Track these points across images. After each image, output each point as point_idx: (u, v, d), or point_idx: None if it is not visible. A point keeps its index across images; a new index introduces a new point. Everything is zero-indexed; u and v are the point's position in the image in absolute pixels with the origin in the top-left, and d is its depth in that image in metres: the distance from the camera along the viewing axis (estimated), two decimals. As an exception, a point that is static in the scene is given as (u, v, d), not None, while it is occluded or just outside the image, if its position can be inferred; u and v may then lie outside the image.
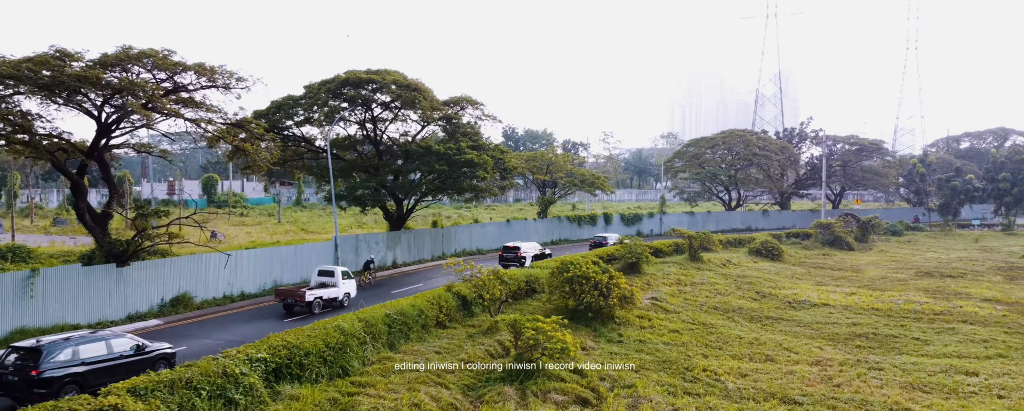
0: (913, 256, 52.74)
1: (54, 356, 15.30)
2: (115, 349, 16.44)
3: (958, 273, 43.50)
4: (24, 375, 14.90)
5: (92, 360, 15.83)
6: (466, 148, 33.82)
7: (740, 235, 57.15)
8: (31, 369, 14.96)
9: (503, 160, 37.18)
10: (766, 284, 37.95)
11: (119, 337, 16.89)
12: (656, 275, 37.41)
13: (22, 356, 15.35)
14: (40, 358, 15.11)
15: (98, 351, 16.08)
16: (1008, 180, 72.22)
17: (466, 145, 34.44)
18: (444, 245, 41.33)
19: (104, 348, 16.25)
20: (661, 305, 30.35)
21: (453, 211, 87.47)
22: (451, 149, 33.04)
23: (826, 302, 33.01)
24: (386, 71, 32.02)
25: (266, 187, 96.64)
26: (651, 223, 65.40)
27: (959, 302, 33.29)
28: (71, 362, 15.45)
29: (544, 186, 54.07)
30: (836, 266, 47.34)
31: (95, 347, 16.09)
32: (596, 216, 58.64)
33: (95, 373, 15.68)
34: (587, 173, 54.62)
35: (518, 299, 27.31)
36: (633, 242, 37.07)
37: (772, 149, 70.89)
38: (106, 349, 16.27)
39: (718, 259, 45.41)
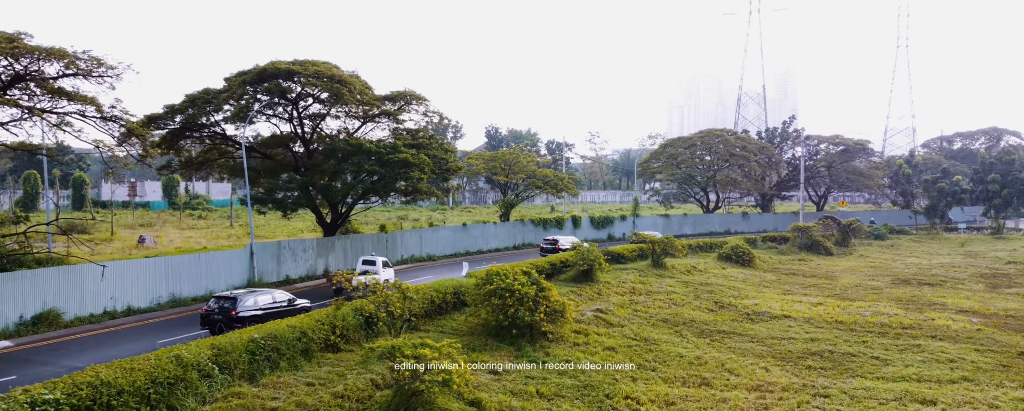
0: (893, 262, 50.60)
1: (244, 303, 22.74)
2: (277, 300, 24.02)
3: (937, 281, 41.34)
4: (226, 315, 22.21)
5: (265, 306, 23.28)
6: (402, 146, 31.40)
7: (714, 239, 54.90)
8: (231, 310, 22.31)
9: (446, 160, 34.70)
10: (728, 293, 35.70)
11: (279, 291, 24.76)
12: (610, 283, 35.10)
13: (224, 303, 22.64)
14: (236, 303, 22.53)
15: (268, 301, 23.62)
16: (997, 181, 70.23)
17: (403, 143, 32.01)
18: (388, 252, 38.87)
19: (271, 298, 23.86)
20: (605, 318, 28.03)
21: (425, 213, 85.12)
22: (384, 148, 30.62)
23: (788, 313, 30.77)
24: (311, 62, 29.58)
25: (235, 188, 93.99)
26: (623, 226, 63.11)
27: (932, 314, 31.09)
28: (253, 307, 22.85)
29: (506, 188, 51.64)
30: (809, 273, 45.13)
31: (266, 297, 23.65)
32: (563, 219, 56.26)
33: (267, 315, 22.60)
34: (551, 174, 52.14)
35: (443, 313, 24.90)
36: (586, 248, 34.74)
37: (751, 149, 68.67)
38: (272, 299, 23.85)
39: (684, 265, 43.14)
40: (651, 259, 42.10)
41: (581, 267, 34.57)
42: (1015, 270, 45.51)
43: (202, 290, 27.50)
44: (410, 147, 32.44)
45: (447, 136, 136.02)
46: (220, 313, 22.17)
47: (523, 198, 53.01)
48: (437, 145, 34.78)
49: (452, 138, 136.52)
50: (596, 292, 32.89)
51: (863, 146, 77.12)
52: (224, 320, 21.75)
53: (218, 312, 22.27)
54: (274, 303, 23.59)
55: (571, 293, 31.75)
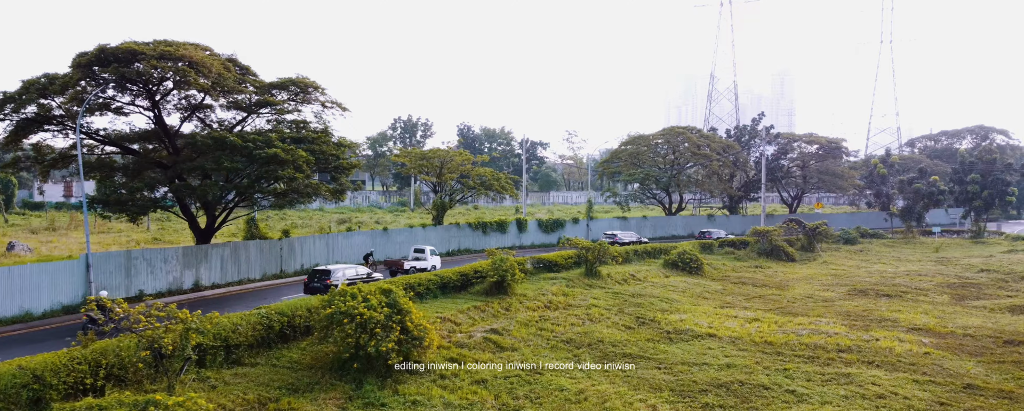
0: (858, 269, 47.25)
1: (335, 275, 29.10)
2: (360, 273, 30.41)
3: (898, 291, 37.97)
4: (322, 282, 28.44)
5: (351, 277, 29.46)
6: (277, 140, 27.67)
7: (669, 244, 51.40)
8: (326, 279, 28.67)
9: (336, 156, 30.93)
10: (659, 306, 32.20)
11: (362, 267, 31.49)
12: (527, 296, 31.50)
13: (321, 273, 29.13)
14: (330, 275, 28.94)
15: (352, 273, 30.00)
16: (977, 182, 67.06)
17: (277, 137, 28.28)
18: (283, 261, 35.10)
19: (355, 272, 30.22)
20: (498, 340, 24.42)
21: (381, 215, 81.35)
22: (253, 141, 26.86)
23: (714, 332, 27.26)
24: (166, 42, 25.83)
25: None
26: (576, 229, 59.56)
27: (879, 333, 27.67)
28: (341, 278, 29.00)
29: (437, 187, 47.86)
30: (761, 282, 41.69)
31: (351, 271, 30.15)
32: (506, 222, 52.55)
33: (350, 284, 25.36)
34: (488, 174, 48.37)
35: (288, 341, 21.10)
36: (500, 256, 31.13)
37: (714, 148, 65.24)
38: (355, 272, 30.25)
39: (621, 273, 39.63)
40: (585, 267, 38.59)
41: (491, 278, 30.98)
42: (987, 280, 42.21)
43: (15, 309, 23.64)
44: (293, 141, 28.76)
45: (417, 134, 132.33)
46: (318, 283, 28.84)
47: (458, 200, 49.28)
48: (326, 140, 31.04)
49: (421, 136, 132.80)
50: (504, 308, 29.29)
51: (837, 145, 73.78)
52: (322, 288, 27.74)
53: (317, 282, 29.01)
54: (357, 276, 30.19)
55: (473, 309, 28.17)
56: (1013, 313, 33.12)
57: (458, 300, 29.42)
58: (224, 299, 29.39)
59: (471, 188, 47.56)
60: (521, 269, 36.28)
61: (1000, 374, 22.30)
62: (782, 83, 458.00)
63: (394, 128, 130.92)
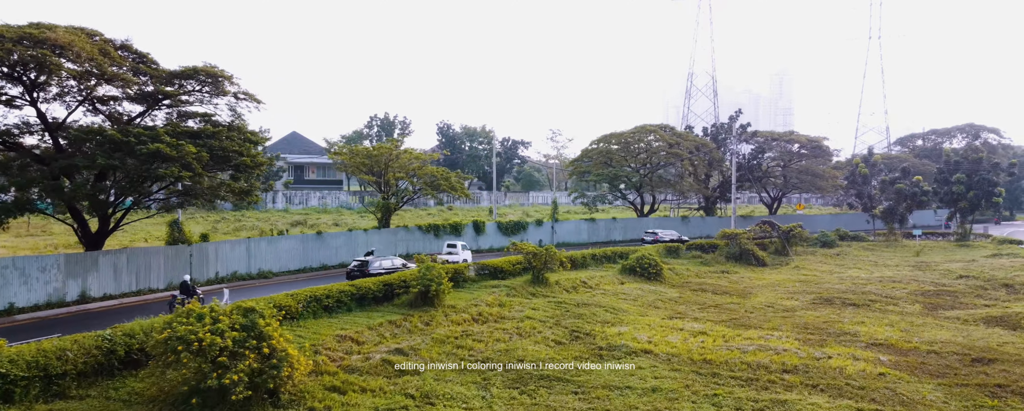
0: (830, 275, 44.81)
1: (373, 264, 34.29)
2: (396, 264, 35.38)
3: (866, 300, 35.53)
4: (363, 271, 33.51)
5: (388, 268, 34.51)
6: (165, 134, 24.95)
7: (633, 248, 48.91)
8: (367, 267, 33.85)
9: (239, 152, 28.19)
10: (602, 317, 29.67)
11: (397, 259, 36.43)
12: (457, 308, 28.90)
13: (361, 264, 34.16)
14: (368, 265, 34.07)
15: (388, 264, 34.96)
16: (963, 182, 64.72)
17: (165, 131, 25.56)
18: (194, 268, 32.32)
19: (391, 263, 35.21)
20: (401, 362, 21.79)
21: (353, 216, 78.62)
22: (136, 135, 24.13)
23: (651, 348, 24.73)
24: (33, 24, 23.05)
25: None
26: (540, 232, 56.97)
27: (836, 349, 25.19)
28: (379, 268, 34.18)
29: (381, 188, 45.03)
30: (723, 289, 39.21)
31: (387, 262, 35.20)
32: (462, 225, 49.88)
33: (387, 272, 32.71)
34: (439, 172, 45.56)
35: (135, 367, 18.29)
36: (427, 264, 28.50)
37: (686, 146, 62.74)
38: (391, 264, 35.22)
39: (572, 280, 37.10)
40: (532, 273, 36.03)
41: (415, 288, 28.35)
42: (965, 287, 39.82)
43: None
44: (189, 136, 26.10)
45: (394, 132, 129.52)
46: (359, 272, 33.36)
47: (406, 201, 46.49)
48: (233, 135, 28.33)
49: (400, 135, 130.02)
50: (425, 322, 26.68)
51: (817, 144, 71.38)
52: (361, 275, 32.37)
53: (358, 269, 33.72)
54: (392, 266, 34.84)
55: (387, 325, 25.57)
56: (987, 325, 30.71)
57: (375, 314, 26.81)
58: (112, 312, 26.70)
59: (416, 189, 44.73)
60: (460, 277, 33.82)
61: (960, 400, 19.85)
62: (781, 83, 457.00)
63: (370, 126, 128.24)
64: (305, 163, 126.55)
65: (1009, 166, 67.24)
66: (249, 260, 35.42)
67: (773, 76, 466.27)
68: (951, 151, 67.70)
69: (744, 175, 70.19)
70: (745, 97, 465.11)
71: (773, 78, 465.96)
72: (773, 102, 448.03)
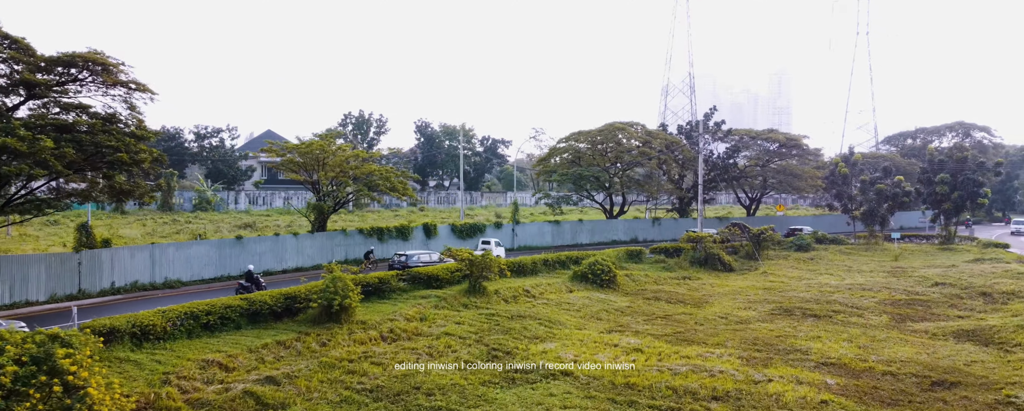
0: (799, 281, 42.34)
1: (412, 258, 38.87)
2: (433, 258, 39.43)
3: (830, 311, 33.05)
4: (401, 264, 38.16)
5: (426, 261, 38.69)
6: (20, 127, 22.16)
7: (591, 252, 46.37)
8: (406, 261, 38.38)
9: (115, 148, 25.28)
10: (533, 332, 27.12)
11: (434, 252, 40.69)
12: (368, 323, 26.28)
13: (403, 258, 38.88)
14: (408, 258, 38.85)
15: (426, 258, 39.26)
16: (947, 183, 62.38)
17: (21, 124, 22.88)
18: (84, 278, 29.51)
19: (428, 257, 39.48)
20: (264, 395, 18.90)
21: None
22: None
23: (571, 369, 22.17)
24: None
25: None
26: (499, 235, 54.36)
27: (779, 370, 22.71)
28: (417, 261, 38.53)
29: (315, 186, 42.06)
30: (680, 297, 36.68)
31: (425, 256, 39.51)
32: (409, 228, 47.15)
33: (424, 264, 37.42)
34: (379, 171, 42.67)
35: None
36: (333, 276, 25.85)
37: (656, 145, 60.24)
38: (429, 257, 39.47)
39: (513, 289, 34.53)
40: (469, 282, 33.42)
41: (317, 303, 25.68)
42: (939, 295, 37.40)
43: None
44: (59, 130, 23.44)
45: (370, 131, 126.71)
46: (399, 264, 38.01)
47: (344, 202, 43.66)
48: (112, 129, 25.58)
49: (376, 133, 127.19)
50: (322, 341, 24.05)
51: (796, 142, 68.98)
52: (401, 267, 37.11)
53: (399, 263, 38.23)
54: (430, 260, 38.57)
55: (274, 346, 22.91)
56: (958, 340, 28.29)
57: (267, 332, 24.15)
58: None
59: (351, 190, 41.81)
60: (385, 287, 31.25)
61: (907, 436, 17.35)
62: (779, 82, 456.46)
63: (344, 124, 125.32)
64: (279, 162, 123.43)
65: (995, 166, 64.93)
66: (153, 268, 32.67)
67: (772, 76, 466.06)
68: (935, 150, 65.40)
69: (719, 175, 67.80)
70: (744, 96, 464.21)
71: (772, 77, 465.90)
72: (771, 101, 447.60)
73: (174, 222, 66.40)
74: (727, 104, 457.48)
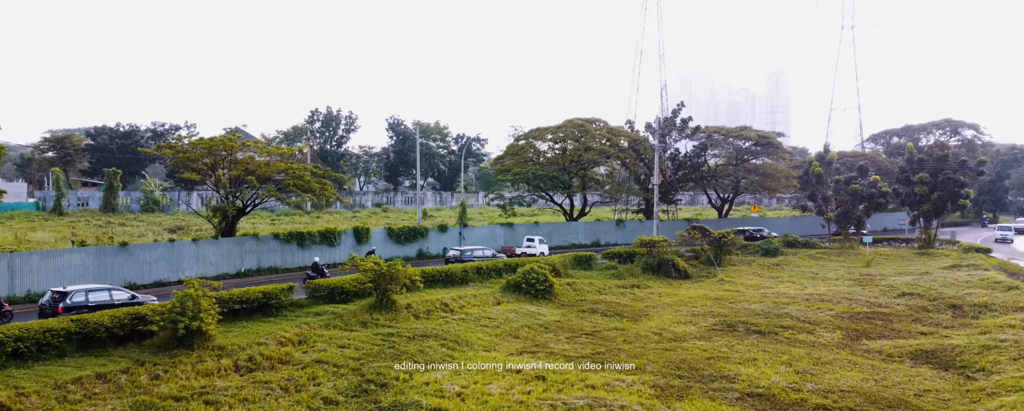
0: (756, 290, 39.25)
1: (466, 254, 42.04)
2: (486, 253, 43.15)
3: (778, 326, 29.95)
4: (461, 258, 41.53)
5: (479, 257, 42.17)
6: None
7: (534, 257, 43.15)
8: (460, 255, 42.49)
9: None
10: (431, 355, 23.93)
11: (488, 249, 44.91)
12: (227, 349, 22.84)
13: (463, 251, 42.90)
14: (462, 254, 42.25)
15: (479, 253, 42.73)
16: (926, 183, 59.39)
17: None
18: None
19: (482, 252, 43.03)
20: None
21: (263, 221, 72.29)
22: None
23: (445, 407, 18.95)
24: None
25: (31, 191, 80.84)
26: (444, 239, 50.99)
27: (694, 403, 19.67)
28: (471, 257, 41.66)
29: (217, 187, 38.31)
30: (619, 309, 33.49)
31: (479, 252, 42.97)
32: (336, 233, 43.64)
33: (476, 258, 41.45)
34: (295, 170, 39.06)
35: None
36: (183, 293, 22.43)
37: (615, 142, 57.10)
38: (482, 253, 42.98)
39: (429, 303, 31.25)
40: (376, 295, 30.10)
41: (160, 326, 22.24)
42: (905, 307, 34.35)
43: None
44: None
45: (339, 128, 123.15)
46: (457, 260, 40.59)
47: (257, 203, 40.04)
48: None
49: (345, 131, 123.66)
50: (155, 374, 20.54)
51: (768, 140, 65.90)
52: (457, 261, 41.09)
53: (456, 260, 40.49)
54: (483, 255, 42.31)
55: (92, 380, 19.58)
56: (914, 362, 25.25)
57: (94, 362, 20.70)
58: None
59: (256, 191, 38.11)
60: (275, 303, 27.93)
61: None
62: (777, 82, 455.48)
63: (312, 121, 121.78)
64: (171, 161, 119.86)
65: (978, 164, 62.05)
66: (12, 280, 29.26)
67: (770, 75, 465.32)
68: (915, 148, 62.46)
69: (687, 174, 64.71)
70: (742, 96, 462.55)
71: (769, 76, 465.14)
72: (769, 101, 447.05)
73: (107, 225, 62.98)
74: (725, 104, 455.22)
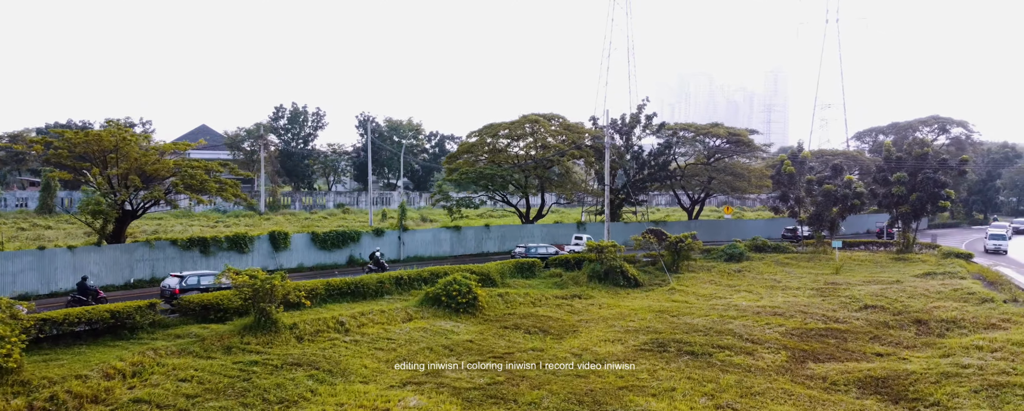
0: (706, 301, 35.94)
1: (532, 251, 45.89)
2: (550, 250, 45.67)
3: (714, 345, 26.63)
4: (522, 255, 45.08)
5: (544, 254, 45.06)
6: None
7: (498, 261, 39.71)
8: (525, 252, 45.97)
9: None
10: (289, 390, 20.60)
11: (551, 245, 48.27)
12: (29, 387, 19.30)
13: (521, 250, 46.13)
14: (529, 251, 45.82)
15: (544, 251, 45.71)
16: (904, 182, 56.24)
17: None
18: None
19: (545, 250, 46.02)
20: None
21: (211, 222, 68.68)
22: None
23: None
24: None
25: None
26: (380, 244, 47.46)
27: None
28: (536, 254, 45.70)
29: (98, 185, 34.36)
30: (547, 325, 30.14)
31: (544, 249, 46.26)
32: (247, 238, 39.87)
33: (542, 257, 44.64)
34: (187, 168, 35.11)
35: None
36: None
37: (573, 139, 53.73)
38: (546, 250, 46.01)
39: (323, 321, 27.87)
40: (254, 314, 26.54)
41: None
42: (864, 323, 31.09)
43: None
44: None
45: (306, 125, 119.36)
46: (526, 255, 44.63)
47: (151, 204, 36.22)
48: None
49: (313, 127, 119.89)
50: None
51: (739, 137, 62.63)
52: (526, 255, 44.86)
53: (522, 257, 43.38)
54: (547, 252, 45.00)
55: None
56: (861, 392, 21.98)
57: None
58: None
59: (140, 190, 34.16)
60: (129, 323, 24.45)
61: None
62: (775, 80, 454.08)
63: (276, 118, 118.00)
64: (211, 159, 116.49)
65: (960, 163, 58.94)
66: None
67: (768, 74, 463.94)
68: (892, 145, 59.32)
69: (653, 174, 61.39)
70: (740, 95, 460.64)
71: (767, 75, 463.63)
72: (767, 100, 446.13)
73: (32, 227, 59.41)
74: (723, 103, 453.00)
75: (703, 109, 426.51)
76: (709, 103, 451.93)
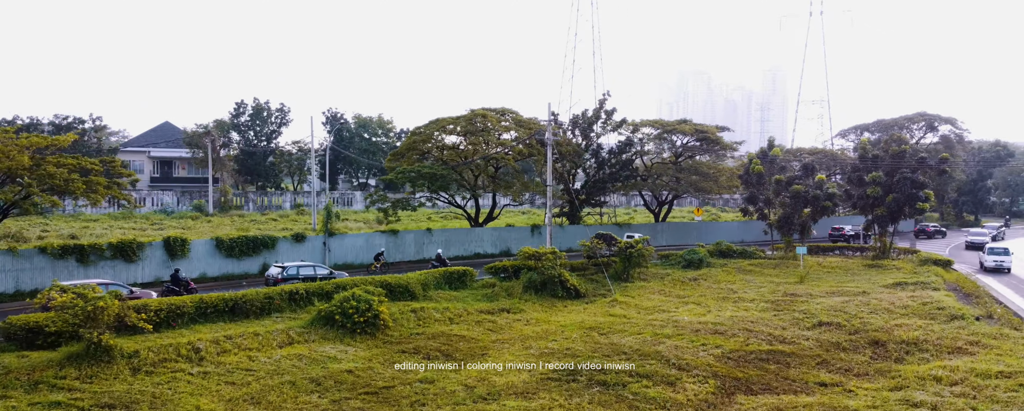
0: (647, 316, 32.26)
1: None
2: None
3: (632, 373, 22.94)
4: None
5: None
6: None
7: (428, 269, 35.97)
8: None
9: None
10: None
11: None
12: None
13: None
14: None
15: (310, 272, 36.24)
16: (880, 183, 52.78)
17: None
18: None
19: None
20: None
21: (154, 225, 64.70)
22: None
23: None
24: None
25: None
26: (301, 251, 43.64)
27: None
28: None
29: None
30: (454, 347, 26.46)
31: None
32: (136, 245, 36.02)
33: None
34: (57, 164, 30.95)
35: None
36: None
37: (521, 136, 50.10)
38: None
39: (174, 348, 24.09)
40: (85, 342, 22.61)
41: None
42: (814, 343, 27.51)
43: None
44: None
45: (269, 122, 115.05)
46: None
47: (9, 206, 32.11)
48: None
49: (277, 124, 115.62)
50: None
51: (706, 134, 59.13)
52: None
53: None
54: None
55: None
56: (791, 436, 18.30)
57: None
58: None
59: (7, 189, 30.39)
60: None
61: None
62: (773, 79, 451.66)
63: (238, 114, 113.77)
64: (173, 158, 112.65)
65: (939, 162, 55.57)
66: None
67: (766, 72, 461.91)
68: (868, 142, 55.90)
69: (615, 173, 57.84)
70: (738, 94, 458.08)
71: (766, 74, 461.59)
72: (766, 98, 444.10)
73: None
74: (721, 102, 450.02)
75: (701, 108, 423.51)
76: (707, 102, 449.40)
